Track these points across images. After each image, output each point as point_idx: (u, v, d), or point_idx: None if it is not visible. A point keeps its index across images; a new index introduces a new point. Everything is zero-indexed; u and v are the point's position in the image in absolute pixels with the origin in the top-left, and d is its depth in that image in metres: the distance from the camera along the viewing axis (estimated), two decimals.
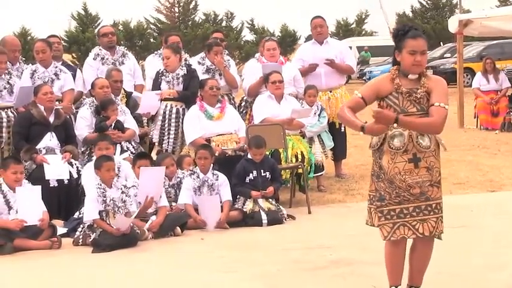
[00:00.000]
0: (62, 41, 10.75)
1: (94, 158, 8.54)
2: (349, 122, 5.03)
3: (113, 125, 8.97)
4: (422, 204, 4.99)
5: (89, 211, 7.55)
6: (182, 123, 9.45)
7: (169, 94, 9.63)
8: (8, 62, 9.47)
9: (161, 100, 9.62)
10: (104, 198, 7.55)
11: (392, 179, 4.96)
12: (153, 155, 9.27)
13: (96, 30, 11.29)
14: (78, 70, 10.38)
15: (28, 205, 7.45)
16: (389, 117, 4.80)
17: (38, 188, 7.65)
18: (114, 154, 8.44)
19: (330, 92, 10.87)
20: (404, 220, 4.98)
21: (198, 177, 8.35)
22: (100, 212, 7.53)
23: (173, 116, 9.59)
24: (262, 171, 8.60)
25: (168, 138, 9.58)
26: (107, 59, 10.25)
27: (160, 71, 9.81)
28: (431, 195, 5.01)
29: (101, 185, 7.62)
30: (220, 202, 8.33)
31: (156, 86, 9.77)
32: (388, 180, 4.98)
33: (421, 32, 5.05)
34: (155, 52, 10.89)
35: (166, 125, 9.61)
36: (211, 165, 8.45)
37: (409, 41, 4.97)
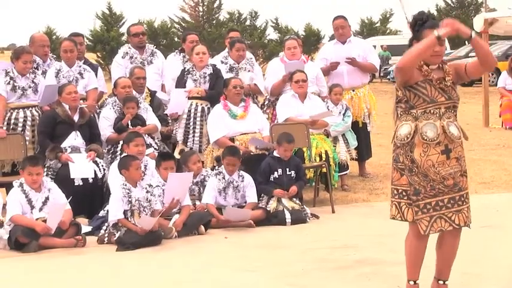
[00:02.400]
0: (86, 40, 10.78)
1: (118, 156, 8.60)
2: (421, 45, 4.83)
3: (130, 122, 9.00)
4: (456, 195, 4.96)
5: (114, 210, 7.57)
6: (207, 122, 9.46)
7: (198, 92, 9.64)
8: (38, 59, 9.55)
9: (188, 98, 9.64)
10: (129, 199, 7.56)
11: (426, 172, 4.91)
12: (176, 155, 9.27)
13: (126, 29, 11.20)
14: (99, 69, 10.40)
15: (54, 217, 7.47)
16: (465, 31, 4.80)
17: (64, 204, 7.64)
18: None
19: (353, 91, 10.82)
20: (441, 212, 4.94)
21: (223, 178, 8.35)
22: (125, 212, 7.56)
23: (198, 114, 9.58)
24: (287, 169, 8.60)
25: (193, 136, 9.57)
26: (136, 58, 10.27)
27: (186, 69, 9.82)
28: (463, 185, 4.99)
29: (125, 184, 7.63)
30: (245, 203, 8.36)
31: (181, 84, 9.75)
32: (422, 173, 4.92)
33: (438, 22, 4.98)
34: (176, 51, 10.89)
35: (191, 124, 9.60)
36: None
37: (427, 32, 4.91)
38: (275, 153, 8.71)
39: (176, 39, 50.09)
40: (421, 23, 4.98)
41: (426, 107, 4.94)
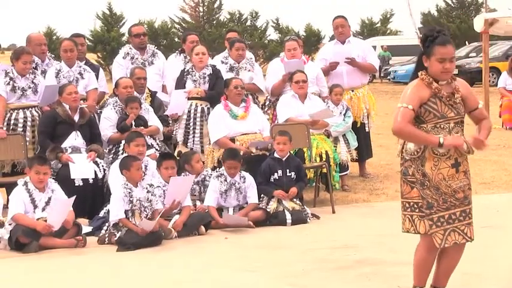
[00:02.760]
0: (86, 40, 10.77)
1: (120, 157, 8.60)
2: (419, 139, 4.87)
3: (134, 122, 9.01)
4: (467, 208, 4.98)
5: (115, 210, 7.58)
6: (207, 122, 9.46)
7: (197, 93, 9.64)
8: (37, 59, 9.55)
9: (187, 99, 9.64)
10: (131, 198, 7.57)
11: (438, 185, 4.90)
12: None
13: (127, 29, 11.18)
14: (100, 70, 10.41)
15: (58, 214, 7.48)
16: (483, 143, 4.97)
17: (71, 200, 7.65)
18: None
19: (352, 91, 10.82)
20: (454, 225, 4.93)
21: (225, 180, 8.36)
22: (126, 212, 7.56)
23: (198, 115, 9.58)
24: (287, 170, 8.59)
25: (194, 137, 9.57)
26: (137, 58, 10.28)
27: (186, 70, 9.83)
28: (470, 198, 5.01)
29: (127, 184, 7.64)
30: (246, 203, 8.37)
31: (181, 84, 9.76)
32: (434, 186, 4.91)
33: (449, 38, 4.95)
34: (177, 51, 10.89)
35: (191, 124, 9.61)
36: None
37: (438, 48, 4.89)
38: (275, 154, 8.72)
39: (176, 39, 50.06)
40: (431, 39, 4.93)
41: (437, 122, 4.92)
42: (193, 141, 9.57)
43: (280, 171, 8.58)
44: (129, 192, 7.60)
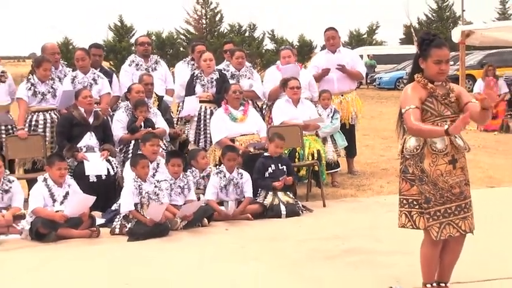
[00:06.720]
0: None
1: (130, 155, 8.62)
2: (429, 132, 4.72)
3: (143, 124, 9.02)
4: (462, 203, 4.88)
5: (126, 203, 7.59)
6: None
7: (206, 96, 9.71)
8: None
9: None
10: (140, 191, 7.59)
11: (436, 181, 4.80)
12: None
13: (134, 39, 11.23)
14: (114, 76, 10.43)
15: (76, 205, 7.50)
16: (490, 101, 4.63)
17: (92, 198, 7.64)
18: None
19: (342, 95, 10.87)
20: (449, 219, 4.84)
21: (224, 176, 8.36)
22: (135, 204, 7.57)
23: (207, 117, 9.66)
24: (279, 165, 8.63)
25: (205, 136, 9.65)
26: (141, 65, 10.32)
27: (195, 75, 9.88)
28: (467, 193, 4.93)
29: (137, 179, 7.66)
30: (243, 198, 8.38)
31: (191, 88, 9.83)
32: (431, 182, 4.81)
33: (444, 41, 4.87)
34: (183, 59, 10.93)
35: (201, 125, 9.70)
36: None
37: (434, 50, 4.79)
38: (266, 154, 8.73)
39: (182, 49, 50.10)
40: (428, 42, 4.82)
41: (434, 121, 4.81)
42: (205, 140, 9.65)
43: (273, 166, 8.59)
44: (139, 186, 7.62)
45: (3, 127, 9.37)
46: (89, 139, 8.85)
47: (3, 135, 9.23)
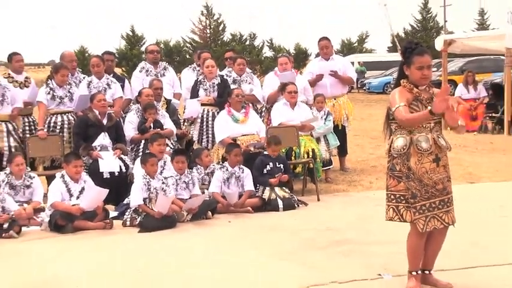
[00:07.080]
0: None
1: (140, 154, 8.62)
2: (419, 118, 4.70)
3: (152, 126, 9.03)
4: (445, 198, 4.88)
5: (135, 198, 7.61)
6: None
7: (208, 100, 9.71)
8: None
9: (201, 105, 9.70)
10: (148, 187, 7.61)
11: (421, 178, 4.79)
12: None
13: (144, 47, 11.24)
14: (126, 81, 10.43)
15: (92, 198, 7.51)
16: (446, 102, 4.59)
17: (106, 191, 7.65)
18: None
19: (335, 99, 10.88)
20: (434, 213, 4.83)
21: (227, 170, 8.38)
22: (144, 199, 7.58)
23: (210, 119, 9.67)
24: (277, 163, 8.64)
25: (207, 137, 9.64)
26: (151, 71, 10.32)
27: (198, 80, 9.89)
28: (449, 189, 4.92)
29: (146, 176, 7.67)
30: (244, 191, 8.37)
31: (195, 92, 9.85)
32: (417, 179, 4.79)
33: (426, 49, 4.87)
34: (189, 66, 10.95)
35: (204, 127, 9.68)
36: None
37: (417, 58, 4.79)
38: (265, 152, 8.74)
39: (188, 56, 50.03)
40: (410, 50, 4.82)
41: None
42: (208, 140, 9.64)
43: (271, 164, 8.60)
44: (148, 182, 7.63)
45: (27, 128, 9.38)
46: (103, 139, 8.86)
47: (27, 135, 9.24)
